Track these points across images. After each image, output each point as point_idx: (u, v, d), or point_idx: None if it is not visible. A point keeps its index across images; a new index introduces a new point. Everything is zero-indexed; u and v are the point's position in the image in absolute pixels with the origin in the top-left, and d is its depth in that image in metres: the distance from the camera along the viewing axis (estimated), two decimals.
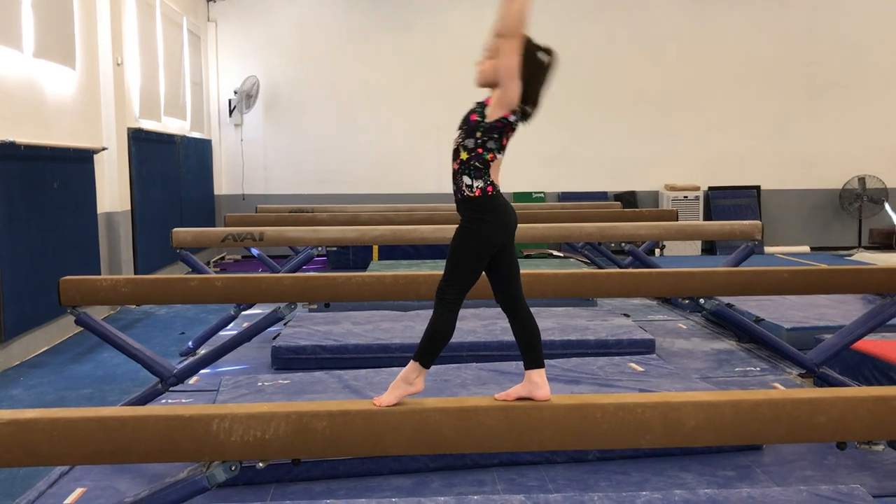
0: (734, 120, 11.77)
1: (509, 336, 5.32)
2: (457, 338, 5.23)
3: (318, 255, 6.49)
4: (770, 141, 11.76)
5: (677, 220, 7.22)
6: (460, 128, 2.42)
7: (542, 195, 11.69)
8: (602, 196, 11.39)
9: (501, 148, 2.40)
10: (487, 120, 2.36)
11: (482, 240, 2.35)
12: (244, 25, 11.56)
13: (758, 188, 11.78)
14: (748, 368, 5.04)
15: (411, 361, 2.42)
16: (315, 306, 6.37)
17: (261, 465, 2.30)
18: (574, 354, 5.05)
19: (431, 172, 11.71)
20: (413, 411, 2.31)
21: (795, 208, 11.83)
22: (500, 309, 6.46)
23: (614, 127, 11.75)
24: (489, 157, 2.37)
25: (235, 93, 11.38)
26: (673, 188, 11.59)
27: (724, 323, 5.40)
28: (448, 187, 9.86)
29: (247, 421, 2.23)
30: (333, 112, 11.63)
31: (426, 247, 9.30)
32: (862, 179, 11.54)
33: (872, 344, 4.46)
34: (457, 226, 2.43)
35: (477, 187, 2.37)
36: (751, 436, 2.38)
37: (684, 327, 6.31)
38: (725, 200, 11.62)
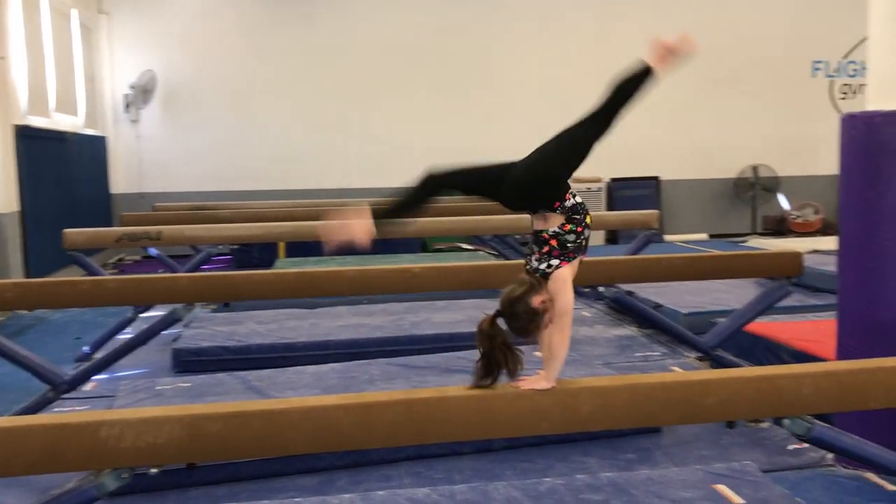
0: (634, 112, 11.98)
1: (418, 330, 5.35)
2: (364, 333, 5.25)
3: (221, 255, 6.34)
4: (669, 133, 12.13)
5: None
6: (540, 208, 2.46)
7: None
8: None
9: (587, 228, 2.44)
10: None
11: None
12: (139, 18, 11.16)
13: (657, 178, 12.14)
14: (648, 353, 5.18)
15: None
16: (216, 306, 6.22)
17: (154, 471, 2.22)
18: None
19: (338, 167, 11.61)
20: (312, 408, 2.27)
21: (693, 197, 12.24)
22: (408, 304, 6.42)
23: (523, 121, 11.87)
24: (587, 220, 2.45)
25: (131, 88, 10.98)
26: (576, 180, 11.80)
27: (625, 310, 5.55)
28: (357, 182, 9.78)
29: (138, 426, 2.15)
30: (236, 107, 11.36)
31: None
32: (755, 169, 12.04)
33: (763, 326, 4.66)
34: None
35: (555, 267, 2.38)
36: (645, 419, 2.44)
37: (588, 315, 6.45)
38: (627, 191, 11.92)
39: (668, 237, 11.61)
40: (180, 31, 11.20)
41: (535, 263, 2.37)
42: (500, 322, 2.35)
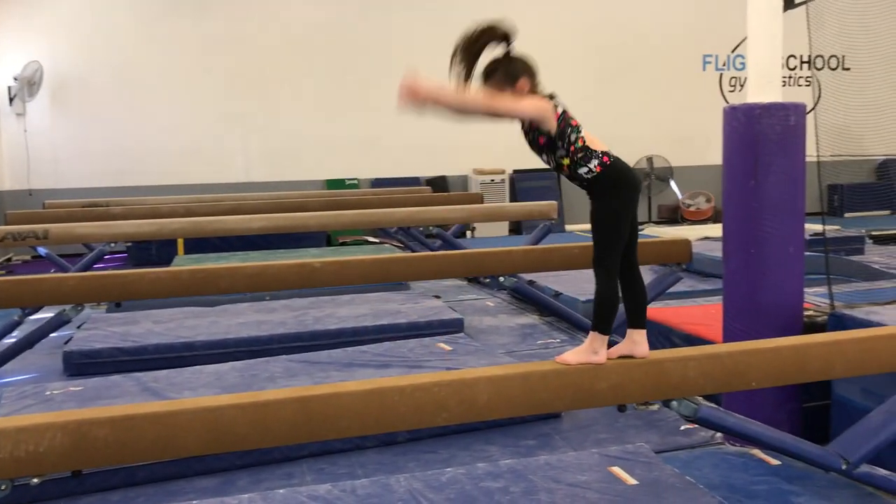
0: None
1: (321, 326, 5.31)
2: (266, 330, 5.17)
3: (115, 252, 6.14)
4: None
5: (482, 203, 7.45)
6: (540, 153, 2.60)
7: (355, 182, 11.67)
8: (415, 181, 11.54)
9: (577, 128, 2.58)
10: (553, 131, 2.53)
11: (620, 205, 2.51)
12: (23, 6, 10.63)
13: None
14: (549, 341, 5.29)
15: (591, 333, 2.51)
16: (107, 307, 6.00)
17: (35, 480, 2.13)
18: (387, 338, 5.08)
19: (238, 161, 11.37)
20: (205, 409, 2.22)
21: None
22: (311, 299, 6.35)
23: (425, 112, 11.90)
24: (580, 142, 2.54)
25: (15, 79, 10.46)
26: (481, 172, 11.94)
27: (526, 299, 5.65)
28: (257, 175, 9.63)
29: (16, 435, 2.05)
30: (130, 99, 10.97)
31: (237, 239, 9.02)
32: (650, 159, 12.44)
33: (656, 311, 4.81)
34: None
35: (595, 166, 2.52)
36: (540, 405, 2.49)
37: (492, 305, 6.53)
38: (530, 183, 12.12)
39: (568, 227, 11.86)
40: (69, 20, 10.73)
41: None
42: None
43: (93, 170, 10.85)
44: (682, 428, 3.71)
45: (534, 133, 2.58)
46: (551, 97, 2.60)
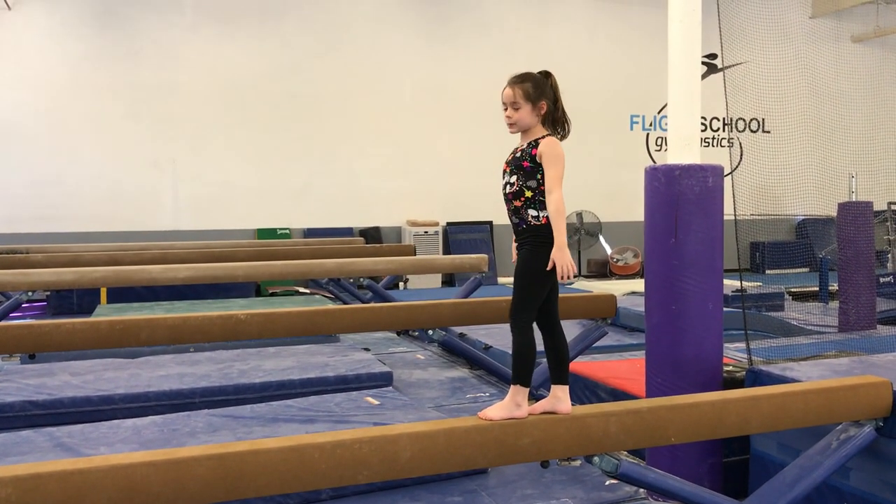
0: (468, 157, 12.45)
1: (246, 379, 5.19)
2: (188, 383, 5.02)
3: (34, 301, 5.93)
4: (499, 178, 12.55)
5: (415, 255, 7.47)
6: (514, 172, 2.72)
7: (287, 231, 11.58)
8: (348, 231, 11.52)
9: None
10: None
11: (548, 261, 2.59)
12: None
13: (490, 223, 12.53)
14: (479, 394, 5.29)
15: (512, 387, 2.59)
16: (19, 358, 5.76)
17: None
18: (314, 392, 4.99)
19: (166, 208, 11.17)
20: (116, 467, 2.14)
21: None
22: (237, 352, 6.22)
23: (359, 162, 11.96)
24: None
25: None
26: (414, 223, 11.99)
27: (456, 352, 5.64)
28: (185, 223, 9.43)
29: None
30: (54, 142, 10.71)
31: (163, 288, 8.81)
32: (580, 214, 12.70)
33: (582, 365, 4.88)
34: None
35: (543, 216, 2.63)
36: (463, 462, 2.48)
37: (422, 357, 6.51)
38: (463, 235, 12.22)
39: (501, 279, 11.96)
40: None
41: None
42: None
43: (12, 214, 10.50)
44: (607, 483, 3.73)
45: (527, 154, 2.70)
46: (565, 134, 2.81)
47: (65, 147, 10.75)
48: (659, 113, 13.32)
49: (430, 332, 4.38)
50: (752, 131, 13.54)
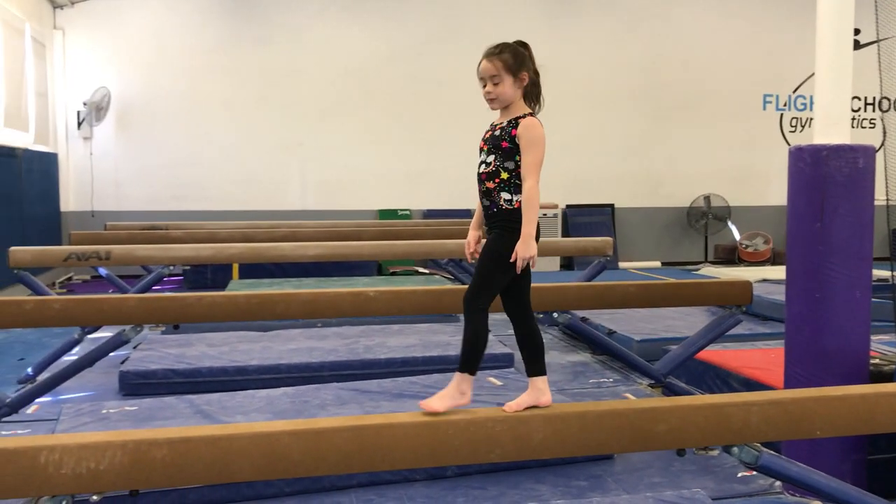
0: (590, 140, 12.25)
1: (371, 355, 5.31)
2: (317, 357, 5.18)
3: (173, 275, 6.26)
4: (623, 160, 12.32)
5: None
6: (492, 152, 2.56)
7: (407, 212, 11.74)
8: (467, 213, 11.56)
9: None
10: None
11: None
12: (94, 34, 11.03)
13: (612, 206, 12.30)
14: (601, 380, 5.21)
15: (457, 374, 2.48)
16: (164, 328, 6.10)
17: (95, 498, 2.15)
18: (436, 370, 5.06)
19: (294, 189, 11.54)
20: (261, 435, 2.23)
21: (647, 225, 12.43)
22: (362, 328, 6.37)
23: (476, 144, 11.96)
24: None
25: (84, 104, 10.82)
26: None
27: (579, 336, 5.57)
28: (313, 204, 9.73)
29: (79, 452, 2.08)
30: (191, 126, 11.26)
31: (291, 265, 9.14)
32: (707, 198, 12.28)
33: (714, 354, 4.72)
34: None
35: (516, 200, 2.50)
36: (596, 446, 2.44)
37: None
38: (582, 218, 12.05)
39: (621, 264, 11.75)
40: (136, 48, 11.09)
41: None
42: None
43: (152, 193, 11.13)
44: (740, 475, 3.60)
45: (507, 133, 2.55)
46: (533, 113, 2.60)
47: (200, 130, 11.27)
48: (794, 92, 12.67)
49: (556, 314, 4.33)
50: None
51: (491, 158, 2.55)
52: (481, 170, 2.58)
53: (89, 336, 5.51)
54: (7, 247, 5.83)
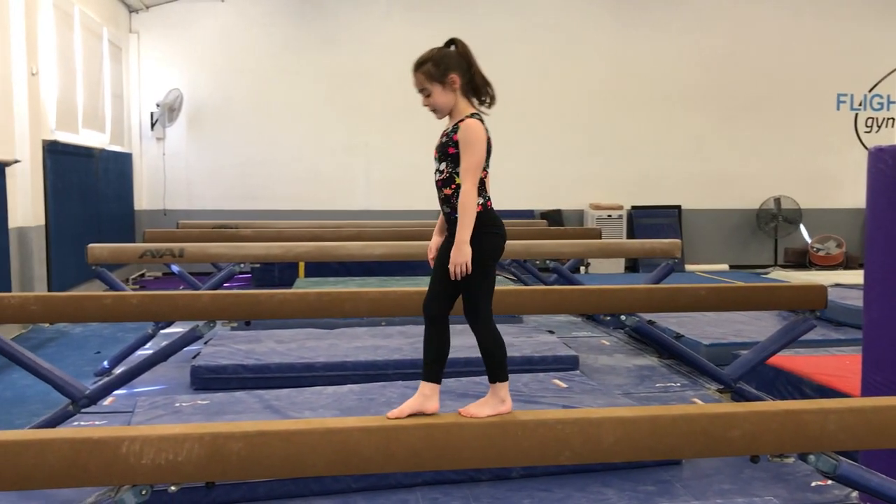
0: (656, 140, 12.08)
1: None
2: (382, 355, 5.23)
3: (242, 273, 6.37)
4: (691, 161, 12.11)
5: (600, 239, 7.34)
6: (442, 159, 2.50)
7: None
8: (529, 214, 11.53)
9: (487, 164, 2.52)
10: None
11: (487, 251, 2.45)
12: (167, 37, 11.34)
13: (679, 207, 12.10)
14: (669, 384, 5.13)
15: (494, 384, 2.46)
16: (236, 324, 6.22)
17: (173, 488, 2.22)
18: None
19: (360, 189, 11.67)
20: (333, 430, 2.26)
21: (715, 227, 12.19)
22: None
23: (541, 146, 11.92)
24: (482, 174, 2.49)
25: (158, 106, 11.13)
26: (597, 207, 11.80)
27: (646, 339, 5.50)
28: (376, 205, 9.86)
29: (158, 443, 2.15)
30: (259, 126, 11.48)
31: (354, 264, 9.23)
32: (777, 200, 11.98)
33: (786, 359, 4.60)
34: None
35: (478, 205, 2.45)
36: (668, 451, 2.41)
37: (607, 343, 6.40)
38: (648, 219, 11.89)
39: (688, 267, 11.55)
40: (206, 50, 11.37)
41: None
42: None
43: (221, 192, 11.38)
44: (814, 484, 3.51)
45: (450, 138, 2.48)
46: (481, 119, 2.49)
47: (268, 130, 11.49)
48: (870, 91, 12.27)
49: (623, 317, 4.28)
50: None
51: (443, 166, 2.51)
52: (437, 177, 2.53)
53: (162, 331, 5.67)
54: (83, 243, 6.05)
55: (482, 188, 2.48)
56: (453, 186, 2.47)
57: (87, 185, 9.08)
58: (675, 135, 12.13)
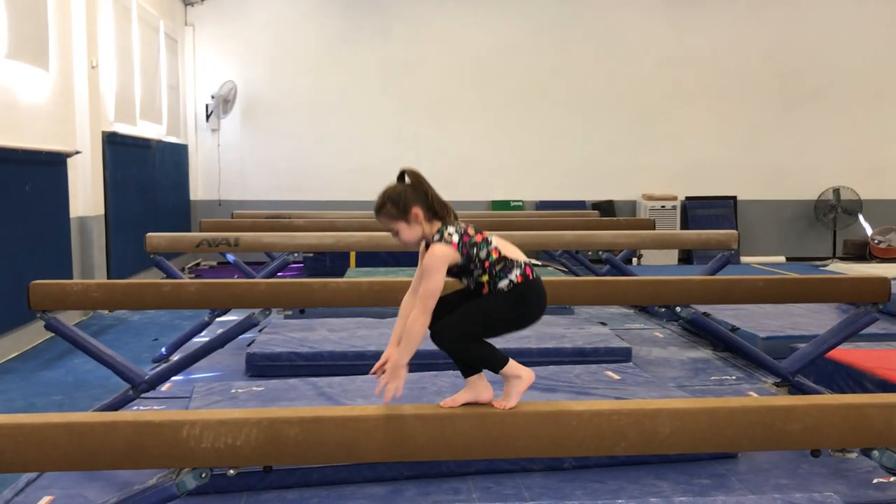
0: (711, 130, 11.87)
1: None
2: (432, 345, 5.24)
3: (295, 262, 6.46)
4: (746, 151, 11.87)
5: (654, 230, 7.25)
6: (460, 277, 2.43)
7: (520, 203, 11.71)
8: (580, 205, 11.43)
9: (486, 241, 2.40)
10: (459, 263, 2.37)
11: (517, 316, 2.41)
12: (222, 30, 11.50)
13: (734, 198, 11.88)
14: (724, 377, 5.06)
15: (504, 374, 2.39)
16: (290, 313, 6.31)
17: (231, 472, 2.26)
18: (551, 362, 5.03)
19: None
20: (388, 417, 2.28)
21: (771, 218, 11.94)
22: None
23: (593, 136, 11.81)
24: (494, 253, 2.39)
25: (212, 97, 11.31)
26: (650, 197, 11.65)
27: (701, 331, 5.43)
28: None
29: (217, 427, 2.19)
30: (311, 118, 11.59)
31: (404, 254, 9.27)
32: (836, 191, 11.68)
33: (846, 353, 4.49)
34: None
35: (517, 276, 2.39)
36: (726, 443, 2.37)
37: (661, 336, 6.33)
38: (702, 210, 11.70)
39: (744, 259, 11.34)
40: (260, 43, 11.50)
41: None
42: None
43: (275, 183, 11.53)
44: (875, 481, 3.42)
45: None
46: (441, 226, 2.38)
47: (320, 121, 11.60)
48: None
49: (678, 309, 4.22)
50: None
51: (463, 280, 2.45)
52: (471, 288, 2.44)
53: (218, 319, 5.78)
54: (141, 232, 6.18)
55: (507, 261, 2.38)
56: (486, 283, 2.39)
57: (145, 176, 9.28)
58: (731, 124, 11.90)
